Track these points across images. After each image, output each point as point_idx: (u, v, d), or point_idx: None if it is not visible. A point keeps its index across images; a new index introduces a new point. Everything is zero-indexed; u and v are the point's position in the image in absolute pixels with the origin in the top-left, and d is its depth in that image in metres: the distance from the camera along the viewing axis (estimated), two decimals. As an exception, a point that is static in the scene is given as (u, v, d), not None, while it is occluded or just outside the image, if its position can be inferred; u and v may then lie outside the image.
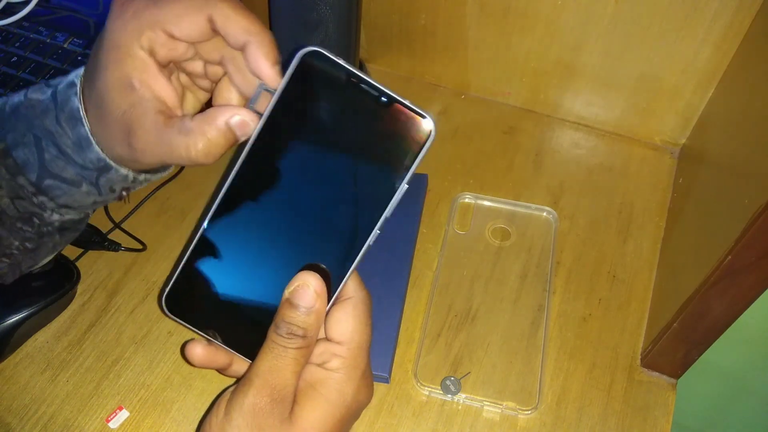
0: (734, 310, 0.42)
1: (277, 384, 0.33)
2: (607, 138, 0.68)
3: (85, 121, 0.34)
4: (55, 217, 0.38)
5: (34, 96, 0.36)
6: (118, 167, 0.36)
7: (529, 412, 0.49)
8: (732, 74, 0.57)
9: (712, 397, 0.87)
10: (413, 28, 0.69)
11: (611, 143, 0.68)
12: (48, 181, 0.36)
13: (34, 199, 0.37)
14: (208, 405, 0.49)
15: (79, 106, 0.34)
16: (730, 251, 0.39)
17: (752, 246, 0.37)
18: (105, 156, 0.35)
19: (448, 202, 0.62)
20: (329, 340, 0.36)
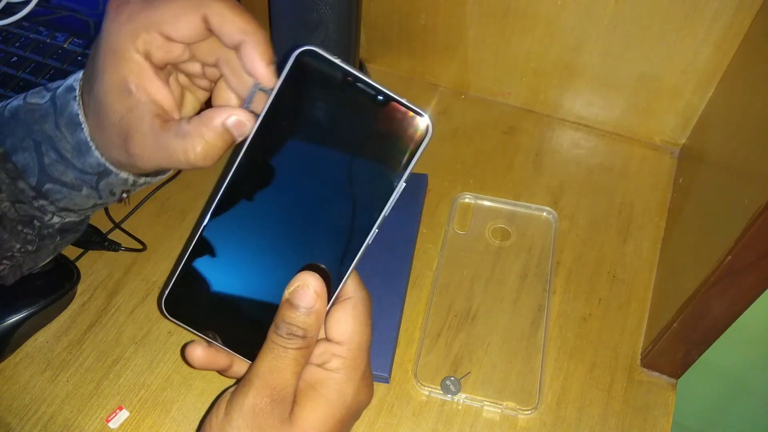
0: (734, 310, 0.42)
1: (277, 384, 0.33)
2: (607, 138, 0.68)
3: (84, 125, 0.34)
4: (56, 219, 0.38)
5: (33, 100, 0.35)
6: (117, 171, 0.35)
7: (529, 412, 0.49)
8: (732, 74, 0.57)
9: (712, 397, 0.87)
10: (413, 28, 0.69)
11: (611, 143, 0.68)
12: (48, 185, 0.36)
13: (35, 203, 0.37)
14: (208, 405, 0.49)
15: (78, 111, 0.34)
16: (730, 251, 0.39)
17: (752, 246, 0.37)
18: (104, 161, 0.35)
19: (448, 202, 0.62)
20: (329, 340, 0.36)
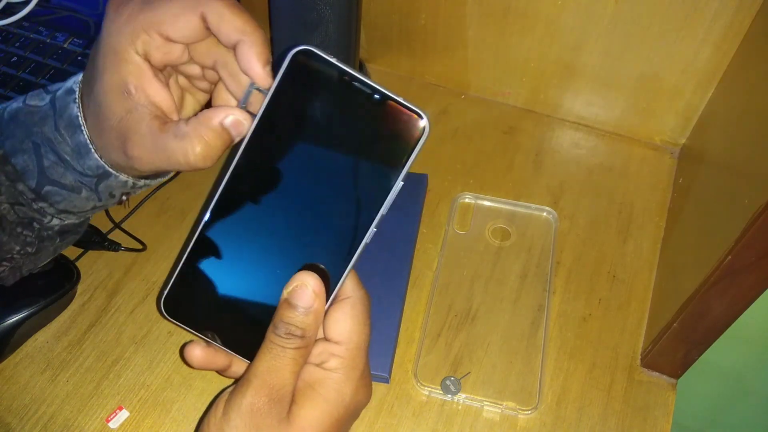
0: (734, 310, 0.42)
1: (276, 384, 0.33)
2: (607, 138, 0.68)
3: (83, 128, 0.34)
4: (55, 221, 0.38)
5: (32, 102, 0.35)
6: (117, 174, 0.36)
7: (529, 412, 0.49)
8: (732, 74, 0.57)
9: (712, 397, 0.87)
10: (413, 28, 0.69)
11: (611, 143, 0.68)
12: (47, 188, 0.36)
13: (34, 205, 0.37)
14: (207, 405, 0.49)
15: (78, 113, 0.34)
16: (730, 251, 0.39)
17: (752, 246, 0.37)
18: (104, 163, 0.35)
19: (448, 202, 0.62)
20: (327, 339, 0.36)
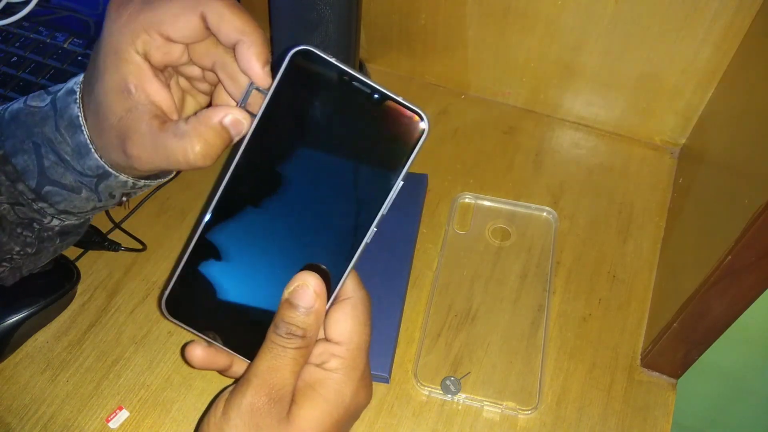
0: (734, 310, 0.42)
1: (276, 384, 0.33)
2: (607, 138, 0.68)
3: (84, 128, 0.34)
4: (55, 222, 0.38)
5: (33, 103, 0.36)
6: (117, 174, 0.36)
7: (529, 412, 0.49)
8: (732, 74, 0.57)
9: (712, 397, 0.87)
10: (413, 28, 0.69)
11: (611, 143, 0.68)
12: (47, 188, 0.36)
13: (34, 205, 0.37)
14: (207, 405, 0.49)
15: (79, 114, 0.34)
16: (730, 251, 0.39)
17: (752, 246, 0.37)
18: (104, 163, 0.35)
19: (448, 202, 0.62)
20: (328, 340, 0.36)
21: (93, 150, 0.34)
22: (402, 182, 0.32)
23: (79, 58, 0.65)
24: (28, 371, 0.50)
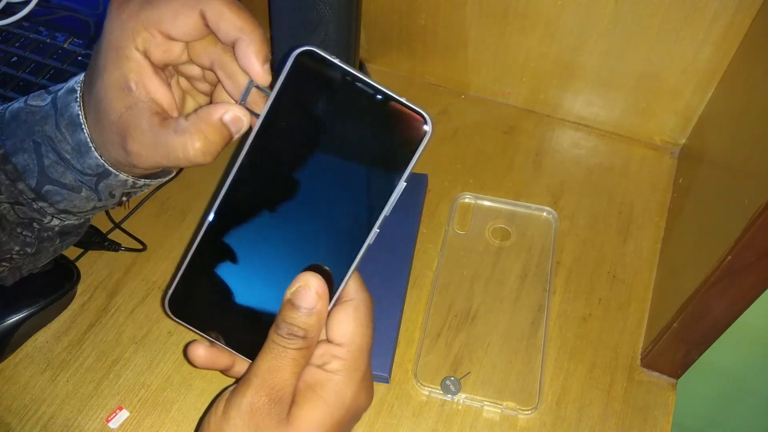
0: (734, 310, 0.42)
1: (276, 384, 0.33)
2: (607, 138, 0.68)
3: (84, 126, 0.34)
4: (55, 222, 0.38)
5: (34, 102, 0.36)
6: (117, 172, 0.36)
7: (529, 412, 0.49)
8: (732, 74, 0.57)
9: (712, 397, 0.87)
10: (413, 28, 0.69)
11: (611, 143, 0.68)
12: (47, 187, 0.36)
13: (34, 205, 0.37)
14: (207, 405, 0.49)
15: (79, 112, 0.34)
16: (730, 251, 0.39)
17: (752, 246, 0.37)
18: (104, 161, 0.35)
19: (448, 202, 0.62)
20: (330, 341, 0.36)
21: (93, 148, 0.35)
22: (405, 184, 0.32)
23: (79, 58, 0.65)
24: (28, 371, 0.50)
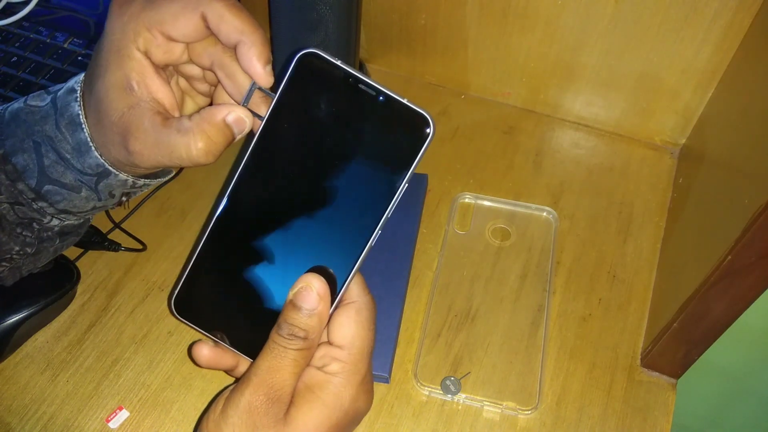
0: (734, 310, 0.42)
1: (275, 384, 0.33)
2: (607, 138, 0.68)
3: (84, 126, 0.34)
4: (55, 222, 0.38)
5: (33, 103, 0.36)
6: (117, 172, 0.36)
7: (529, 412, 0.49)
8: (732, 74, 0.57)
9: (712, 397, 0.87)
10: (413, 28, 0.69)
11: (611, 143, 0.68)
12: (47, 187, 0.36)
13: (34, 205, 0.37)
14: (207, 404, 0.49)
15: (79, 112, 0.34)
16: (730, 251, 0.39)
17: (752, 246, 0.37)
18: (104, 161, 0.35)
19: (448, 202, 0.62)
20: (331, 343, 0.36)
21: (93, 148, 0.35)
22: (407, 185, 0.33)
23: (79, 58, 0.65)
24: (28, 371, 0.50)
